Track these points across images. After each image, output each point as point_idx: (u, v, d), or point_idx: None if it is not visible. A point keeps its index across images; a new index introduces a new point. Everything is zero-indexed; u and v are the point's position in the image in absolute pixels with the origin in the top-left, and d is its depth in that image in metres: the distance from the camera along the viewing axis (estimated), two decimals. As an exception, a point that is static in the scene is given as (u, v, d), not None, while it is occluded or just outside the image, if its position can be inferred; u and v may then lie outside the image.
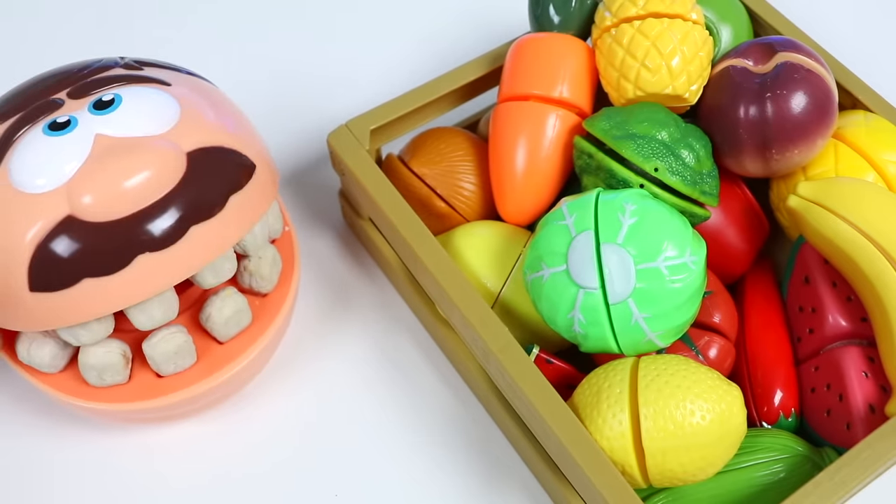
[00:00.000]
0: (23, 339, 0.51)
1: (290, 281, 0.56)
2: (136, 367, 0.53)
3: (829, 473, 0.47)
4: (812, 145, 0.54)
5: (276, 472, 0.57)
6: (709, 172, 0.54)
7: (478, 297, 0.53)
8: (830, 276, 0.55)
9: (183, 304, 0.55)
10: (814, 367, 0.55)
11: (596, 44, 0.58)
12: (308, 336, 0.63)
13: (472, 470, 0.57)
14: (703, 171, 0.54)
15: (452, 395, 0.60)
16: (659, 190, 0.53)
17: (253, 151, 0.51)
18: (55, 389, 0.52)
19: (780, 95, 0.53)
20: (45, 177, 0.46)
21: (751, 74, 0.54)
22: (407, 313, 0.64)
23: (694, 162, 0.54)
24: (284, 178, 0.71)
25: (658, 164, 0.53)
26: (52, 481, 0.57)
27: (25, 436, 0.59)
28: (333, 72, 0.77)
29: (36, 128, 0.48)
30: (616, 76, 0.57)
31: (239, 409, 0.60)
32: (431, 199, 0.61)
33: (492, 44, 0.77)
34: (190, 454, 0.58)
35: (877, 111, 0.60)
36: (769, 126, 0.53)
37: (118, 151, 0.46)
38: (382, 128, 0.61)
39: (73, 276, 0.45)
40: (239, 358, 0.53)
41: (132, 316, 0.48)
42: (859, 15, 0.82)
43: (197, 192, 0.47)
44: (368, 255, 0.67)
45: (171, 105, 0.49)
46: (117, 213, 0.45)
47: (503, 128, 0.58)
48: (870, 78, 0.64)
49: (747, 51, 0.56)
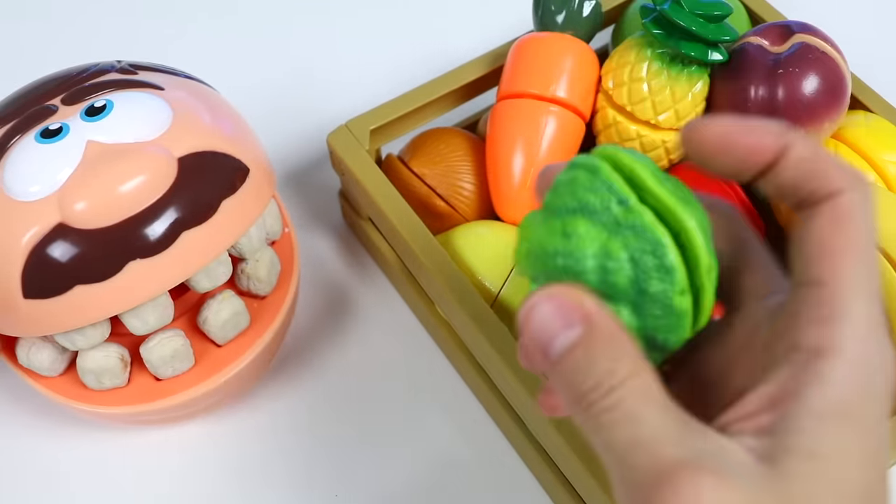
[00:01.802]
0: (22, 343, 0.52)
1: (290, 282, 0.56)
2: (134, 370, 0.53)
3: (828, 475, 0.47)
4: (819, 128, 0.54)
5: (276, 473, 0.57)
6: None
7: (477, 297, 0.53)
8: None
9: (181, 308, 0.56)
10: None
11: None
12: (307, 336, 0.63)
13: (473, 470, 0.57)
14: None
15: (452, 395, 0.60)
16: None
17: (247, 154, 0.51)
18: (55, 393, 0.52)
19: (791, 73, 0.53)
20: (38, 184, 0.46)
21: (766, 52, 0.55)
22: (407, 313, 0.64)
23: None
24: (284, 179, 0.71)
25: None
26: (52, 482, 0.57)
27: (25, 436, 0.59)
28: (333, 72, 0.77)
29: (28, 135, 0.48)
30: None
31: (238, 410, 0.60)
32: (431, 199, 0.61)
33: (492, 44, 0.77)
34: (190, 455, 0.58)
35: (877, 111, 0.59)
36: (778, 103, 0.53)
37: (108, 158, 0.46)
38: (382, 128, 0.61)
39: (65, 283, 0.45)
40: (237, 360, 0.53)
41: (127, 321, 0.48)
42: (859, 15, 0.81)
43: (188, 197, 0.47)
44: (368, 255, 0.67)
45: (164, 110, 0.49)
46: (108, 219, 0.45)
47: (500, 126, 0.58)
48: (870, 78, 0.64)
49: (765, 31, 0.56)
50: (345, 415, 0.60)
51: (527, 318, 0.29)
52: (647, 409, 0.27)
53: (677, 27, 0.55)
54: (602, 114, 0.59)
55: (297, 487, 0.57)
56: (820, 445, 0.26)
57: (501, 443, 0.58)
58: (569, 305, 0.29)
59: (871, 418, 0.26)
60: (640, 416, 0.26)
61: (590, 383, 0.27)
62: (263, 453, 0.58)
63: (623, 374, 0.27)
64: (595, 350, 0.28)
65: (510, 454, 0.58)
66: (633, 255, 0.30)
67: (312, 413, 0.60)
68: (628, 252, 0.30)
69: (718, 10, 0.54)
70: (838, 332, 0.27)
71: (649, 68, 0.57)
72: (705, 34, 0.54)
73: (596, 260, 0.31)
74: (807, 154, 0.29)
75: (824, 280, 0.27)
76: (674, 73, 0.56)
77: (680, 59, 0.56)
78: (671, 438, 0.26)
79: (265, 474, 0.57)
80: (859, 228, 0.28)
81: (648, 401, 0.27)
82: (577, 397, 0.28)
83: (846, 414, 0.26)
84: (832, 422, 0.26)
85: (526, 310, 0.29)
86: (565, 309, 0.29)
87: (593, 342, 0.28)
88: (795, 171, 0.29)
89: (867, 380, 0.26)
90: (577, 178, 0.32)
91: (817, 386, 0.26)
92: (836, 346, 0.26)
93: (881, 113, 0.59)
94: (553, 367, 0.29)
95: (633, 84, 0.57)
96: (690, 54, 0.55)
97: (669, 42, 0.55)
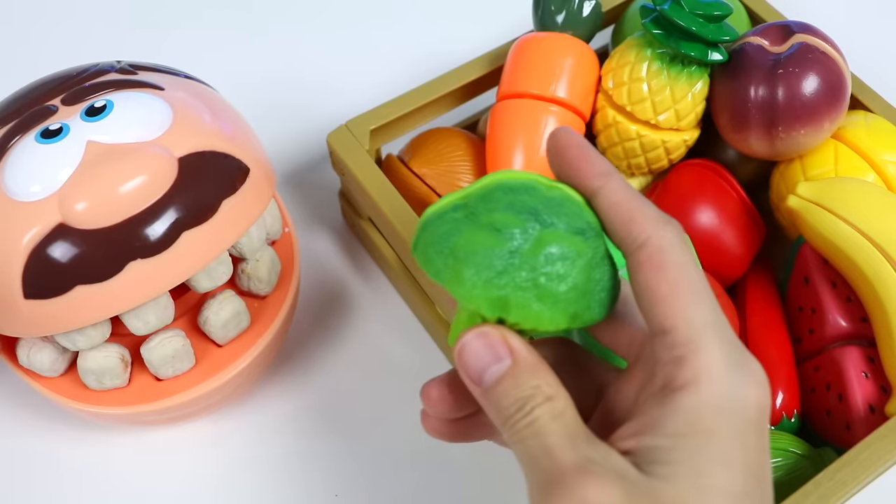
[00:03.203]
0: (23, 343, 0.52)
1: (290, 282, 0.56)
2: (135, 370, 0.53)
3: (828, 473, 0.47)
4: (819, 128, 0.54)
5: (277, 473, 0.57)
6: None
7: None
8: (830, 276, 0.55)
9: (181, 308, 0.56)
10: (814, 368, 0.55)
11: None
12: (308, 336, 0.63)
13: (473, 470, 0.57)
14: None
15: (452, 395, 0.60)
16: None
17: (248, 154, 0.51)
18: (55, 393, 0.52)
19: (791, 73, 0.53)
20: (39, 184, 0.46)
21: (765, 52, 0.55)
22: (407, 313, 0.64)
23: None
24: (284, 179, 0.71)
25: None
26: (53, 482, 0.57)
27: (25, 436, 0.59)
28: (333, 72, 0.77)
29: (29, 135, 0.48)
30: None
31: (239, 410, 0.60)
32: (431, 199, 0.61)
33: (492, 44, 0.77)
34: (190, 455, 0.58)
35: (877, 111, 0.59)
36: (778, 103, 0.53)
37: (109, 158, 0.46)
38: (382, 128, 0.61)
39: (65, 283, 0.45)
40: (237, 360, 0.53)
41: (127, 321, 0.48)
42: (859, 15, 0.81)
43: (188, 197, 0.47)
44: (368, 255, 0.67)
45: (164, 110, 0.49)
46: (108, 220, 0.45)
47: (500, 126, 0.58)
48: (870, 78, 0.64)
49: (765, 31, 0.56)
50: (345, 414, 0.60)
51: (460, 354, 0.34)
52: (554, 425, 0.32)
53: (677, 27, 0.55)
54: (602, 114, 0.59)
55: (297, 487, 0.57)
56: (675, 455, 0.31)
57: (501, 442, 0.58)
58: (497, 341, 0.34)
59: (728, 432, 0.31)
60: (548, 430, 0.32)
61: (515, 405, 0.33)
62: (263, 453, 0.58)
63: (540, 398, 0.32)
64: (520, 378, 0.33)
65: (510, 453, 0.58)
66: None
67: (312, 413, 0.60)
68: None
69: (718, 10, 0.54)
70: (689, 371, 0.31)
71: (649, 68, 0.57)
72: (705, 34, 0.54)
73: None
74: (617, 199, 0.34)
75: (667, 327, 0.32)
76: (674, 73, 0.56)
77: (680, 59, 0.56)
78: (570, 448, 0.31)
79: (265, 474, 0.58)
80: (677, 268, 0.32)
81: (556, 418, 0.32)
82: (505, 417, 0.33)
83: (699, 431, 0.31)
84: (685, 439, 0.31)
85: (459, 346, 0.34)
86: (494, 344, 0.34)
87: (519, 372, 0.33)
88: (608, 213, 0.34)
89: (720, 402, 0.31)
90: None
91: (671, 415, 0.31)
92: (687, 382, 0.31)
93: (881, 113, 0.59)
94: (484, 393, 0.34)
95: (633, 84, 0.57)
96: (690, 54, 0.55)
97: (669, 42, 0.55)
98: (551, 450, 0.31)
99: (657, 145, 0.58)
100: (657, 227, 0.33)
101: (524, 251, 0.33)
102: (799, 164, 0.57)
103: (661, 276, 0.32)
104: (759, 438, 0.32)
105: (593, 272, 0.34)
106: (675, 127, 0.58)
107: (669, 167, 0.61)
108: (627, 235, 0.33)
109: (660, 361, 0.32)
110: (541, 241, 0.33)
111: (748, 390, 0.32)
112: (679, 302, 0.32)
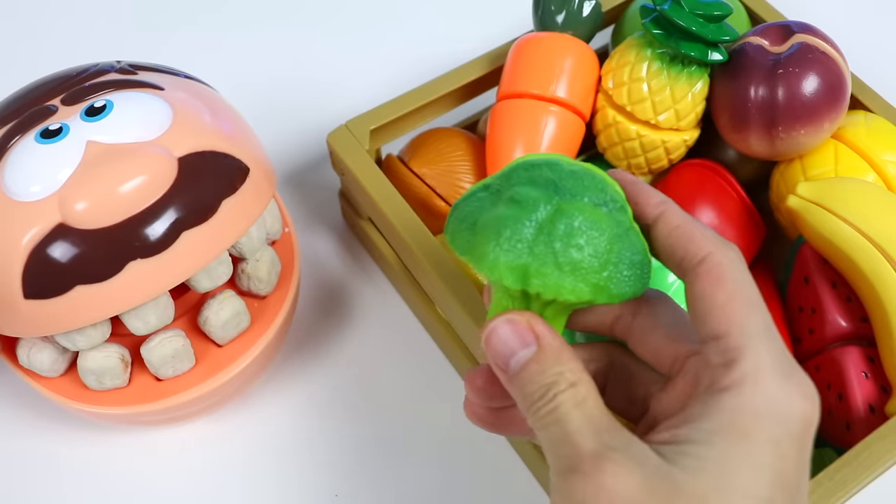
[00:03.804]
0: (22, 343, 0.52)
1: (290, 282, 0.56)
2: (135, 370, 0.53)
3: (828, 473, 0.47)
4: (819, 128, 0.54)
5: (277, 473, 0.57)
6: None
7: (477, 296, 0.53)
8: (830, 276, 0.55)
9: (181, 308, 0.56)
10: (814, 368, 0.55)
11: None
12: (308, 336, 0.63)
13: (473, 470, 0.57)
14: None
15: (452, 395, 0.60)
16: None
17: (247, 154, 0.51)
18: (55, 393, 0.52)
19: (791, 73, 0.53)
20: (38, 184, 0.46)
21: (765, 52, 0.55)
22: (407, 313, 0.64)
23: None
24: (284, 179, 0.71)
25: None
26: (53, 482, 0.57)
27: (25, 436, 0.59)
28: (333, 72, 0.77)
29: (29, 135, 0.48)
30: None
31: (239, 410, 0.60)
32: (431, 199, 0.61)
33: (492, 44, 0.77)
34: (191, 455, 0.58)
35: (877, 111, 0.59)
36: (778, 103, 0.53)
37: (108, 158, 0.46)
38: (382, 128, 0.61)
39: (65, 283, 0.45)
40: (238, 360, 0.53)
41: (127, 321, 0.48)
42: (859, 15, 0.81)
43: (188, 197, 0.47)
44: (368, 255, 0.67)
45: (163, 110, 0.49)
46: (107, 220, 0.45)
47: (500, 126, 0.58)
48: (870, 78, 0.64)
49: (765, 31, 0.56)
50: (345, 414, 0.60)
51: (488, 340, 0.35)
52: (576, 412, 0.32)
53: (677, 27, 0.55)
54: (602, 114, 0.59)
55: (298, 487, 0.57)
56: (706, 451, 0.31)
57: (500, 441, 0.58)
58: (524, 328, 0.35)
59: (764, 437, 0.31)
60: (570, 416, 0.32)
61: (539, 392, 0.33)
62: (264, 453, 0.58)
63: (564, 384, 0.33)
64: (545, 364, 0.34)
65: (510, 453, 0.58)
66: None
67: (312, 413, 0.60)
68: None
69: (718, 10, 0.54)
70: (735, 373, 0.32)
71: (649, 68, 0.57)
72: (705, 34, 0.54)
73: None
74: (676, 223, 0.35)
75: (720, 333, 0.33)
76: (674, 73, 0.56)
77: (680, 59, 0.56)
78: (590, 435, 0.32)
79: (265, 474, 0.58)
80: (736, 281, 0.34)
81: (579, 405, 0.33)
82: (529, 403, 0.34)
83: (734, 431, 0.31)
84: (718, 437, 0.31)
85: (487, 332, 0.35)
86: (521, 331, 0.34)
87: (544, 358, 0.34)
88: (668, 237, 0.35)
89: (762, 407, 0.32)
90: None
91: (710, 413, 0.32)
92: (732, 384, 0.32)
93: (881, 113, 0.59)
94: (510, 380, 0.34)
95: (633, 84, 0.57)
96: (690, 54, 0.55)
97: (669, 42, 0.55)
98: (572, 436, 0.32)
99: (657, 145, 0.58)
100: (717, 247, 0.34)
101: (543, 220, 0.34)
102: (799, 164, 0.57)
103: (719, 287, 0.33)
104: (800, 452, 0.32)
105: (615, 244, 0.34)
106: (675, 127, 0.58)
107: (669, 167, 0.61)
108: (686, 254, 0.35)
109: (709, 365, 0.33)
110: (560, 212, 0.34)
111: (793, 401, 0.32)
112: (735, 310, 0.33)
